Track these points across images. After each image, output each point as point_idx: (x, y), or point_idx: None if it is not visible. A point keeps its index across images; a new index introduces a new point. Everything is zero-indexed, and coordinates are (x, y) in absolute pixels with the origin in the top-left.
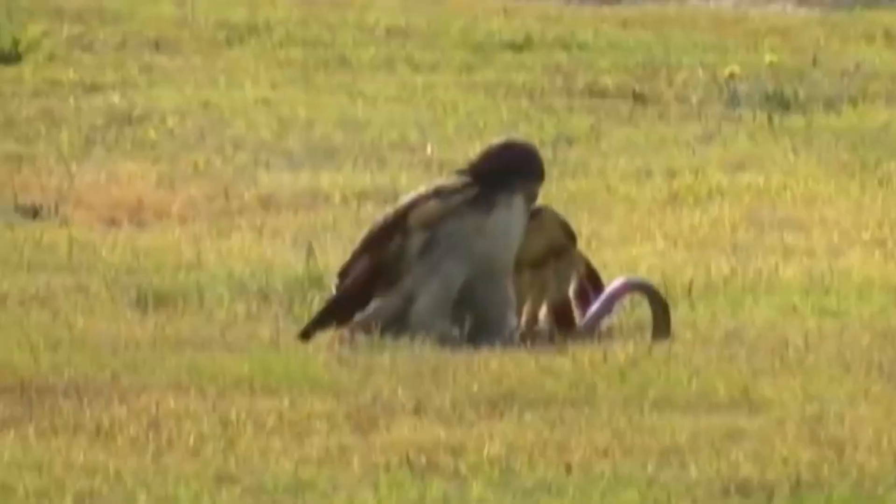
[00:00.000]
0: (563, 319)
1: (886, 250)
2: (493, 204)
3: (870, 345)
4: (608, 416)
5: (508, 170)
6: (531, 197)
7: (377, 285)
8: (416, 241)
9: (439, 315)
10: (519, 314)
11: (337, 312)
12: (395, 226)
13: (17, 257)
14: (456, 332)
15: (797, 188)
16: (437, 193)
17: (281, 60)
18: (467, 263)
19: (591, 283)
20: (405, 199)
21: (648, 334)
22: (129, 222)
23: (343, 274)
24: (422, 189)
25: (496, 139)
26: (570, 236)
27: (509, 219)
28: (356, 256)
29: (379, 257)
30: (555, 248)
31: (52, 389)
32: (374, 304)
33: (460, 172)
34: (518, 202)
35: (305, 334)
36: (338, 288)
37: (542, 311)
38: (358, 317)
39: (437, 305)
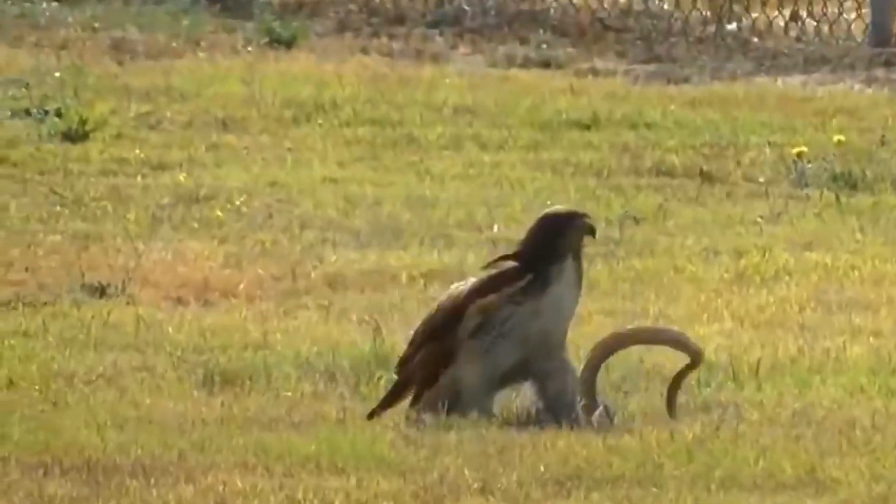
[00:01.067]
0: None
1: None
2: (547, 282)
3: None
4: (675, 495)
5: (551, 239)
6: (589, 231)
7: (440, 369)
8: (470, 323)
9: (484, 396)
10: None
11: (403, 394)
12: (455, 318)
13: (84, 336)
14: (497, 408)
15: (865, 268)
16: (495, 285)
17: (348, 139)
18: (522, 346)
19: None
20: (463, 288)
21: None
22: (195, 301)
23: (403, 363)
24: (475, 280)
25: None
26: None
27: (562, 292)
28: (416, 346)
29: (440, 344)
30: None
31: (118, 469)
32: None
33: (509, 257)
34: (569, 269)
35: (372, 415)
36: (398, 374)
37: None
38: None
39: (482, 387)
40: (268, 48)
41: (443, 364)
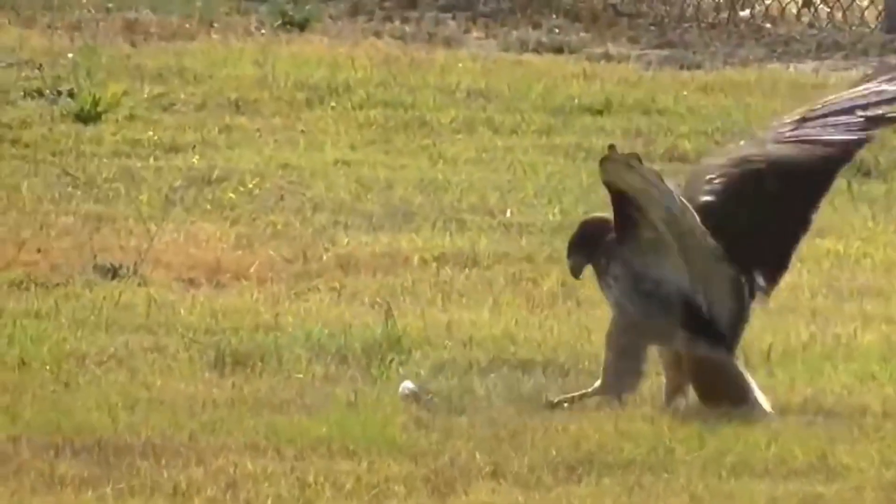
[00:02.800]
0: None
1: None
2: None
3: None
4: (686, 481)
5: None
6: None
7: None
8: None
9: None
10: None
11: None
12: None
13: (96, 317)
14: None
15: (877, 255)
16: None
17: (361, 122)
18: None
19: None
20: None
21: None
22: (207, 283)
23: None
24: None
25: None
26: None
27: None
28: None
29: None
30: None
31: (129, 450)
32: None
33: None
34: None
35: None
36: None
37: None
38: None
39: None
40: (281, 30)
41: None
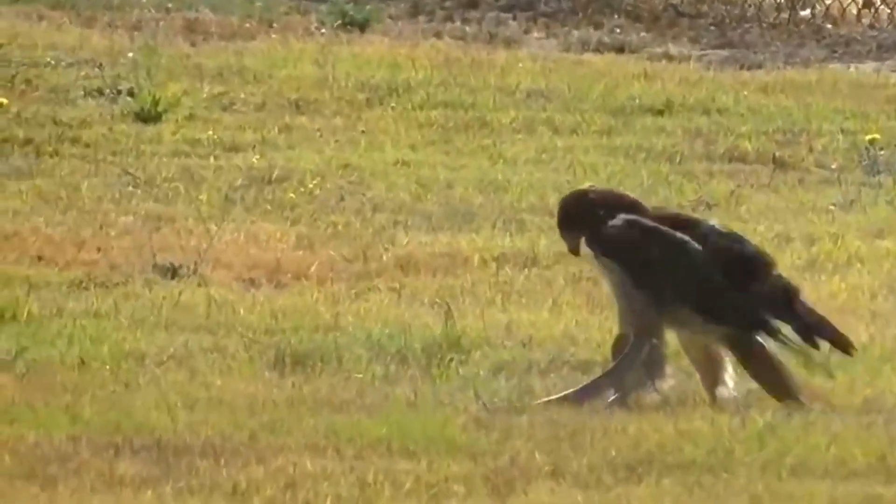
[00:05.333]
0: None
1: None
2: None
3: None
4: (746, 481)
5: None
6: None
7: None
8: None
9: None
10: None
11: None
12: None
13: (156, 317)
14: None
15: None
16: None
17: (421, 122)
18: None
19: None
20: None
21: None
22: (267, 283)
23: None
24: None
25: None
26: None
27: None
28: None
29: None
30: None
31: (189, 449)
32: None
33: None
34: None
35: None
36: None
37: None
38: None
39: None
40: (341, 30)
41: None
